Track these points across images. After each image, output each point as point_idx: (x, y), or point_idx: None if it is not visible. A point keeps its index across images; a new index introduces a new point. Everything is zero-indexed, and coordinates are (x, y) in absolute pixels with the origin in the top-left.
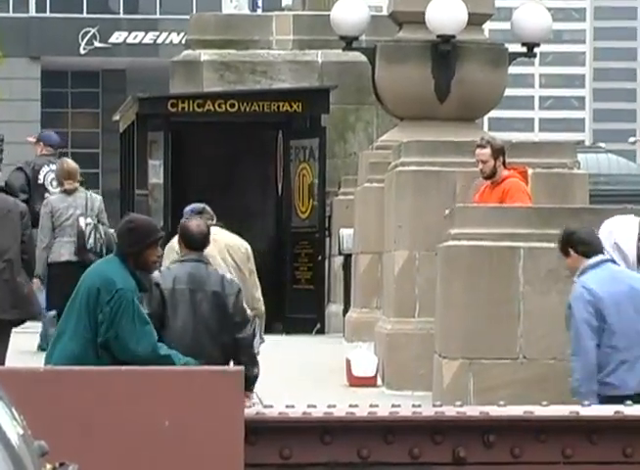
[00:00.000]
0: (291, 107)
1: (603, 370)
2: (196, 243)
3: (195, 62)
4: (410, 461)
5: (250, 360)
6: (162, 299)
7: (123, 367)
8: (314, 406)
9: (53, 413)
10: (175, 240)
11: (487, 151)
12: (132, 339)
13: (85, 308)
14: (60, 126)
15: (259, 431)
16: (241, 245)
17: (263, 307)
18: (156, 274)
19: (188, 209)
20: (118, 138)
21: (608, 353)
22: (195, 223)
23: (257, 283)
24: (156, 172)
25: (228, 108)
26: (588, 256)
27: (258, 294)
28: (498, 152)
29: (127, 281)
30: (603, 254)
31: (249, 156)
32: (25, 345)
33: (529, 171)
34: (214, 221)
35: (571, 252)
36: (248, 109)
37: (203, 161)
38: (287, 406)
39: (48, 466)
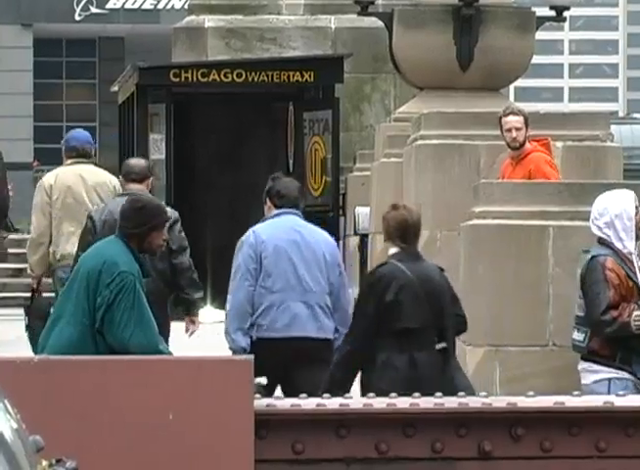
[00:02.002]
0: (302, 76)
1: (256, 312)
2: (133, 177)
3: (199, 28)
4: (432, 456)
5: (189, 284)
6: (94, 231)
7: (125, 356)
8: (329, 398)
9: (49, 406)
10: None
11: (521, 118)
12: (127, 327)
13: (84, 292)
14: (53, 98)
15: (270, 424)
16: (110, 182)
17: None
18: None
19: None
20: (117, 111)
21: (262, 294)
22: (133, 160)
23: None
24: (157, 148)
25: (235, 78)
26: (279, 206)
27: None
28: (527, 121)
29: (131, 264)
30: (296, 206)
31: (257, 129)
32: (8, 333)
33: (559, 145)
34: (90, 159)
35: (267, 201)
36: (256, 79)
37: (207, 135)
38: (299, 398)
39: (44, 462)
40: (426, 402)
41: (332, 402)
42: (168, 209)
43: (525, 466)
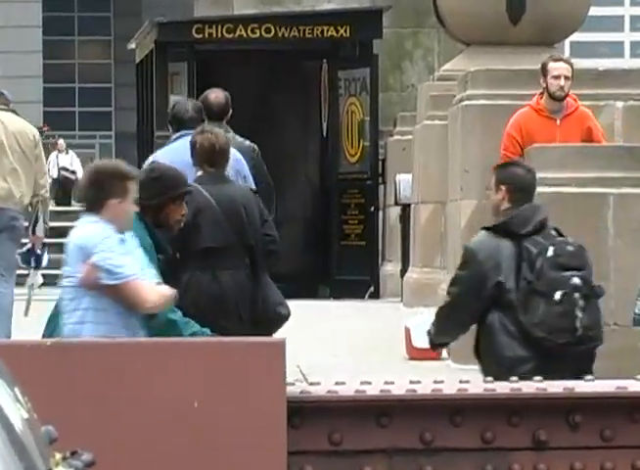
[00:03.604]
0: (337, 32)
1: None
2: (213, 113)
3: None
4: (482, 446)
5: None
6: None
7: (144, 338)
8: (368, 383)
9: (62, 394)
10: None
11: (570, 68)
12: None
13: None
14: (65, 57)
15: (305, 412)
16: (30, 131)
17: (48, 194)
18: None
19: None
20: (134, 70)
21: None
22: (213, 95)
23: (45, 169)
24: None
25: (263, 33)
26: (177, 130)
27: (43, 181)
28: (573, 75)
29: (141, 237)
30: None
31: (288, 90)
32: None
33: (619, 105)
34: (10, 106)
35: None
36: (286, 34)
37: (234, 96)
38: (336, 383)
39: (57, 455)
40: (475, 388)
41: (372, 388)
42: (247, 143)
43: (584, 457)
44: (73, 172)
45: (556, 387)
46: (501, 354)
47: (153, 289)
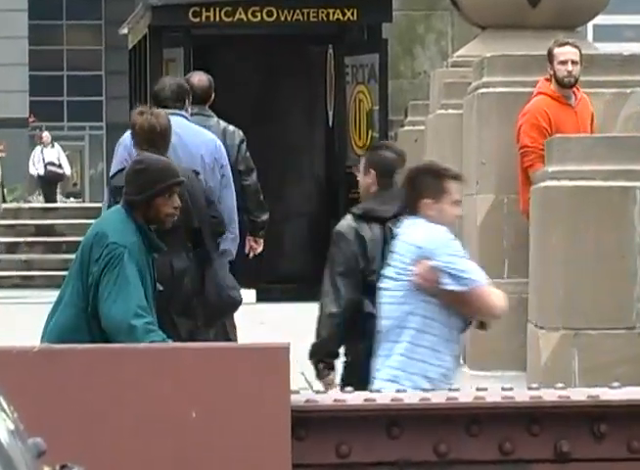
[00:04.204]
0: (343, 15)
1: None
2: (196, 96)
3: None
4: (500, 458)
5: (257, 207)
6: None
7: (137, 344)
8: (378, 391)
9: (51, 403)
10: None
11: (578, 52)
12: (108, 301)
13: (78, 270)
14: (52, 43)
15: (310, 423)
16: None
17: None
18: None
19: None
20: (127, 57)
21: None
22: (197, 78)
23: None
24: None
25: (265, 17)
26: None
27: None
28: (582, 59)
29: (124, 235)
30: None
31: (291, 78)
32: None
33: None
34: None
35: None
36: (289, 18)
37: (233, 84)
38: (344, 392)
39: (46, 469)
40: (493, 396)
41: (382, 397)
42: (230, 128)
43: (610, 469)
44: (60, 166)
45: (580, 394)
46: (358, 338)
47: (498, 293)
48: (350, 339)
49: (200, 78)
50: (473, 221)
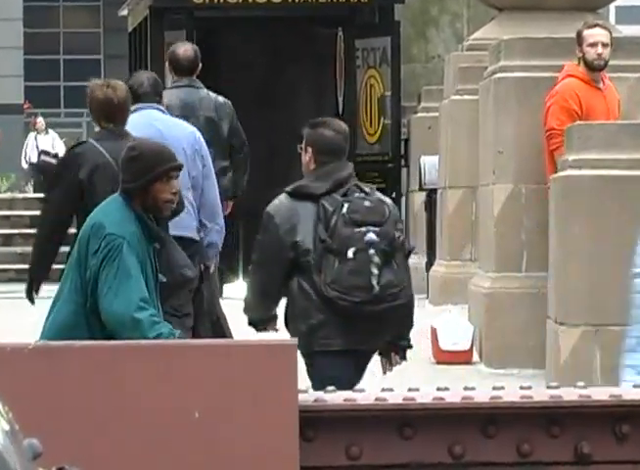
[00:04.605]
0: None
1: None
2: (183, 68)
3: None
4: (518, 460)
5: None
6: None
7: (137, 341)
8: (390, 390)
9: (47, 403)
10: None
11: (609, 34)
12: (109, 295)
13: (77, 264)
14: (48, 25)
15: (319, 423)
16: None
17: None
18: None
19: None
20: (126, 40)
21: None
22: (182, 49)
23: None
24: None
25: None
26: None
27: None
28: (612, 42)
29: (122, 225)
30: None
31: (299, 62)
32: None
33: None
34: None
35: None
36: None
37: (238, 68)
38: (354, 391)
39: None
40: (510, 395)
41: (394, 396)
42: (220, 99)
43: None
44: (55, 156)
45: (601, 393)
46: (300, 319)
47: None
48: (286, 314)
49: (185, 49)
50: (489, 212)
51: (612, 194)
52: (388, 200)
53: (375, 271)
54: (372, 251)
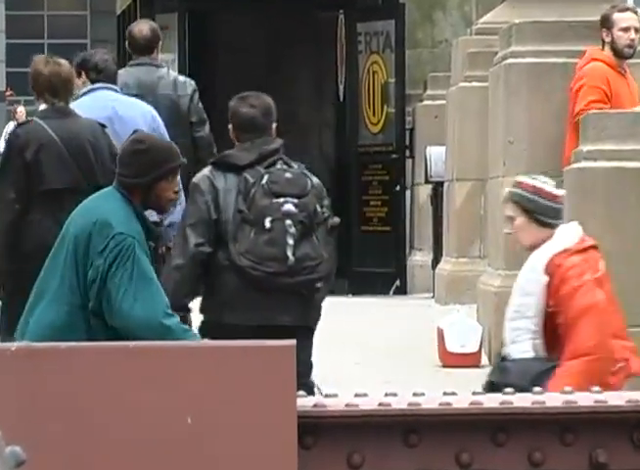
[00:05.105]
0: None
1: None
2: (140, 46)
3: None
4: (530, 469)
5: (210, 158)
6: None
7: (130, 342)
8: (394, 395)
9: (32, 408)
10: None
11: (639, 18)
12: (127, 298)
13: (72, 263)
14: (31, 8)
15: (319, 429)
16: None
17: None
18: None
19: None
20: (115, 24)
21: None
22: (136, 28)
23: None
24: None
25: None
26: (95, 81)
27: None
28: None
29: (129, 224)
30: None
31: (298, 46)
32: None
33: None
34: None
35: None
36: None
37: (234, 53)
38: (356, 395)
39: None
40: (521, 400)
41: (398, 401)
42: (181, 78)
43: None
44: None
45: (618, 398)
46: (213, 293)
47: None
48: (204, 293)
49: (140, 28)
50: (499, 205)
51: (629, 187)
52: (314, 177)
53: (290, 242)
54: (289, 221)
